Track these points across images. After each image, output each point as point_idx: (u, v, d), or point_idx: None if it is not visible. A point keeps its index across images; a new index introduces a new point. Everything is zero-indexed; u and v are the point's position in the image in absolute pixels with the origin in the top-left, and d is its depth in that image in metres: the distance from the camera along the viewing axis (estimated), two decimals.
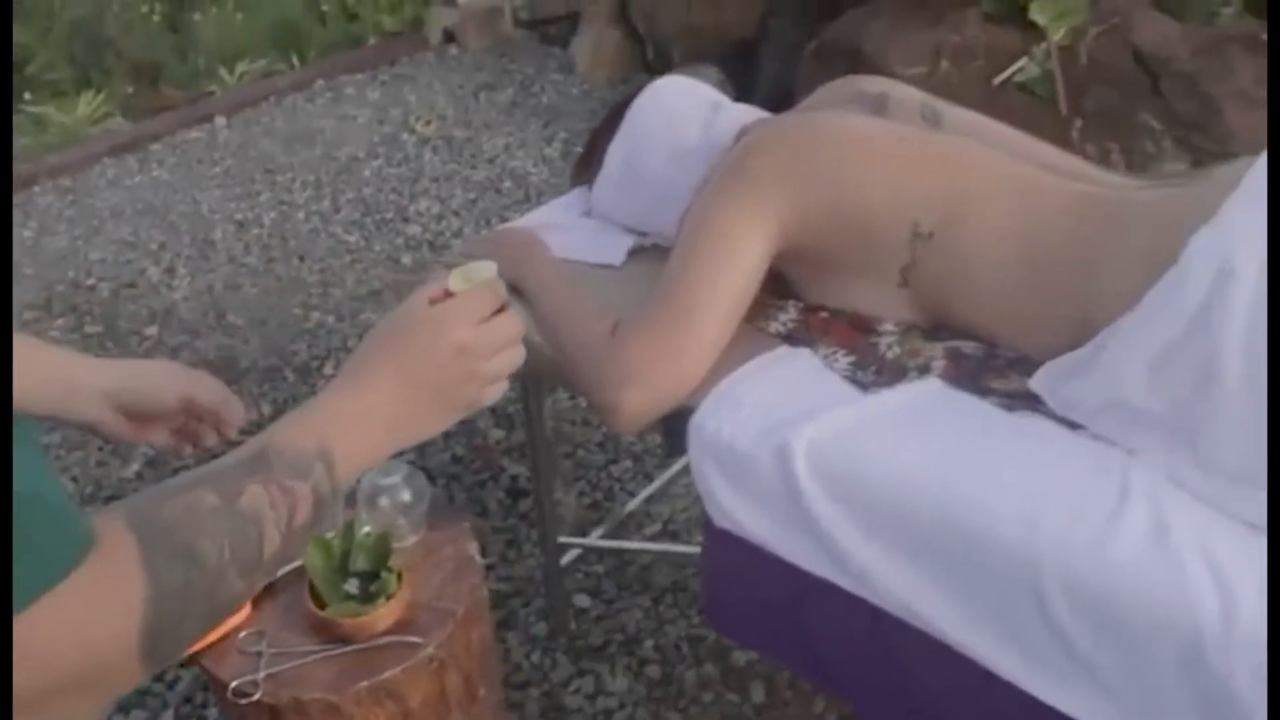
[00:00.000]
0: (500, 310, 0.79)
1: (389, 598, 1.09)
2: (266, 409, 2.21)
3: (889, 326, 1.22)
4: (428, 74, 3.58)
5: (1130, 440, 1.04)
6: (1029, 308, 1.14)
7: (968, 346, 1.18)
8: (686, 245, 1.22)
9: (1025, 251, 1.14)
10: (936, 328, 1.21)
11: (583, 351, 1.22)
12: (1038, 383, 1.10)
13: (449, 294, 0.79)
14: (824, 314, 1.26)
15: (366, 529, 1.14)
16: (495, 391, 0.81)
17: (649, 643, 1.72)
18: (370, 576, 1.11)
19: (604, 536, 1.86)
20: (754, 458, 1.11)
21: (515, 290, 1.34)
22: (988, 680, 1.01)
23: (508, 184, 2.95)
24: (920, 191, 1.19)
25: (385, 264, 2.65)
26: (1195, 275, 0.99)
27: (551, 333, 1.28)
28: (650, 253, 1.43)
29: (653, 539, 1.91)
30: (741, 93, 1.65)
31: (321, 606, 1.09)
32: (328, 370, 2.29)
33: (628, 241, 1.45)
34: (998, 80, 2.63)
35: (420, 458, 2.02)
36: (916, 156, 1.21)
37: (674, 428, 1.26)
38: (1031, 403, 1.10)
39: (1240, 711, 0.89)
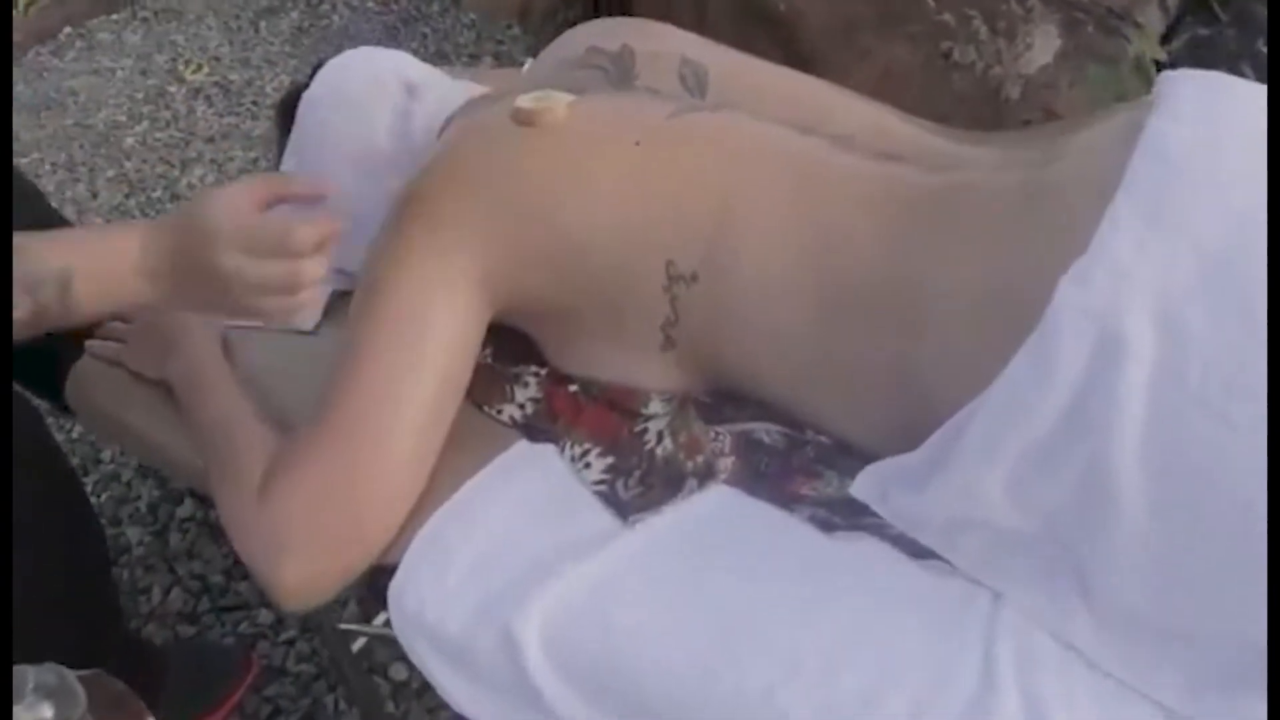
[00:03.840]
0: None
1: None
2: None
3: (655, 406, 0.84)
4: (197, 4, 2.99)
5: (996, 574, 0.70)
6: (832, 367, 0.78)
7: (763, 432, 0.81)
8: (355, 328, 0.83)
9: (820, 286, 0.77)
10: (718, 400, 0.84)
11: (228, 499, 0.83)
12: (863, 489, 0.75)
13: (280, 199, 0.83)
14: (572, 388, 0.88)
15: None
16: (270, 310, 0.82)
17: None
18: None
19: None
20: (472, 648, 0.75)
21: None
22: None
23: None
24: (671, 219, 0.79)
25: None
26: (1065, 349, 0.63)
27: (203, 461, 0.89)
28: None
29: None
30: None
31: None
32: None
33: (324, 292, 1.04)
34: None
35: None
36: (663, 166, 0.81)
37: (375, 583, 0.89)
38: (857, 515, 0.75)
39: None
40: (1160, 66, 1.74)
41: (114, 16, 3.00)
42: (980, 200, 0.75)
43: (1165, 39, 2.10)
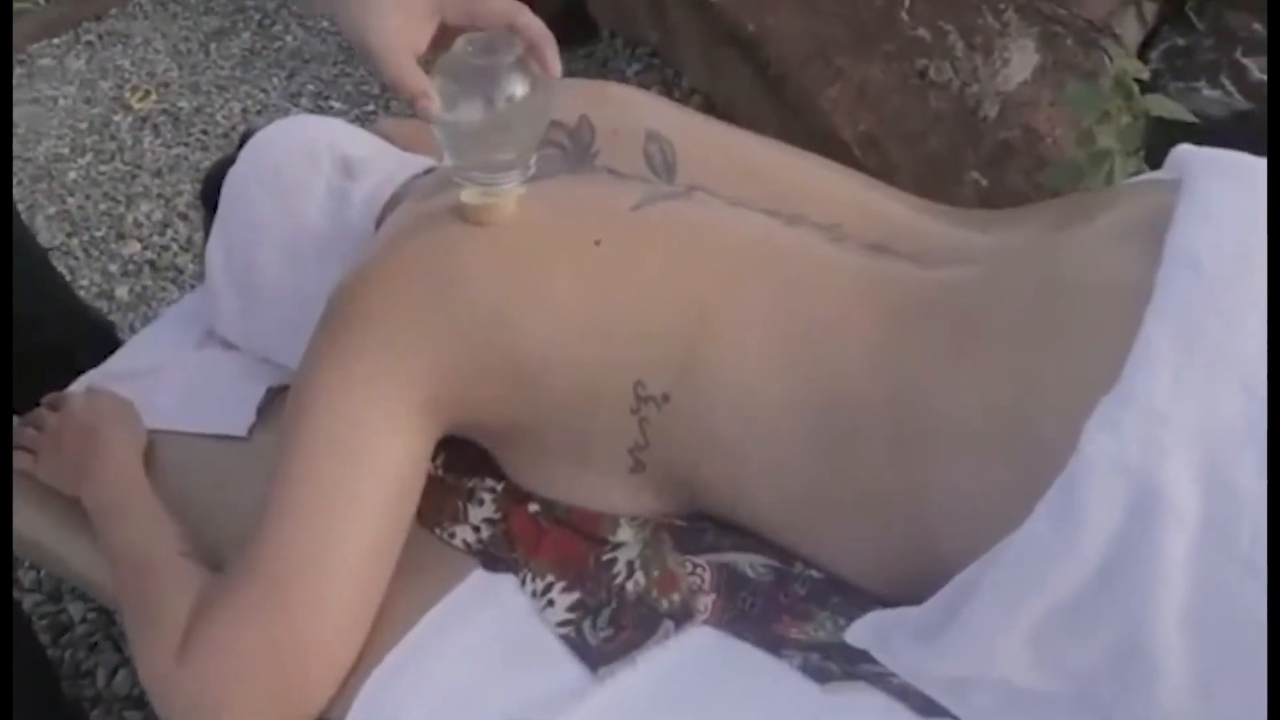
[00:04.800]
0: None
1: None
2: None
3: (625, 532, 0.74)
4: (144, 27, 2.86)
5: None
6: (823, 493, 0.68)
7: (747, 565, 0.71)
8: (285, 457, 0.73)
9: (809, 403, 0.68)
10: (696, 525, 0.75)
11: (146, 653, 0.73)
12: (861, 635, 0.66)
13: None
14: (532, 507, 0.78)
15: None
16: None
17: None
18: None
19: None
20: None
21: None
22: None
23: None
24: (639, 333, 0.69)
25: (97, 302, 2.07)
26: (1094, 508, 0.54)
27: (119, 601, 0.79)
28: None
29: None
30: None
31: None
32: None
33: (258, 391, 0.94)
34: None
35: None
36: (628, 270, 0.71)
37: None
38: (854, 662, 0.66)
39: None
40: (1143, 85, 1.65)
41: (55, 41, 2.86)
42: (985, 305, 0.66)
43: (1143, 49, 2.03)
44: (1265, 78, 1.91)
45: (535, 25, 0.71)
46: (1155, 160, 1.65)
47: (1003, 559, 0.56)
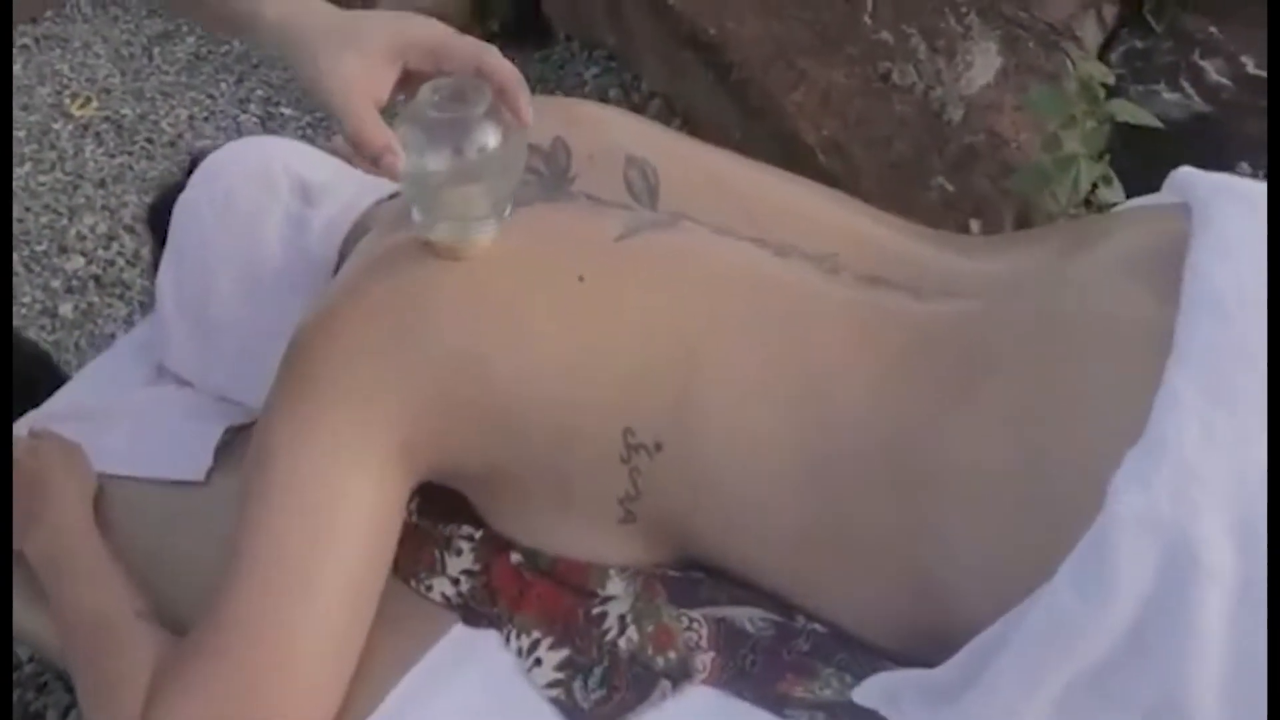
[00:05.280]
0: None
1: None
2: None
3: (615, 584, 0.69)
4: (83, 30, 2.74)
5: None
6: (825, 542, 0.64)
7: (745, 618, 0.67)
8: (250, 508, 0.67)
9: (808, 447, 0.64)
10: (690, 577, 0.70)
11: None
12: (870, 694, 0.62)
13: None
14: (515, 557, 0.73)
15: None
16: None
17: None
18: None
19: None
20: None
21: None
22: None
23: None
24: (627, 376, 0.65)
25: (40, 320, 1.98)
26: (1124, 569, 0.50)
27: (70, 664, 0.73)
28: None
29: None
30: None
31: None
32: None
33: (214, 432, 0.88)
34: None
35: None
36: (614, 307, 0.66)
37: None
38: None
39: None
40: (1109, 90, 1.64)
41: None
42: (989, 342, 0.62)
43: (1102, 51, 2.03)
44: (1222, 80, 1.92)
45: (504, 68, 0.65)
46: (1119, 164, 1.65)
47: (1026, 622, 0.53)
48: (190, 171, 0.91)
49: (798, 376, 0.65)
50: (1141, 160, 1.74)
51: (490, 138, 0.64)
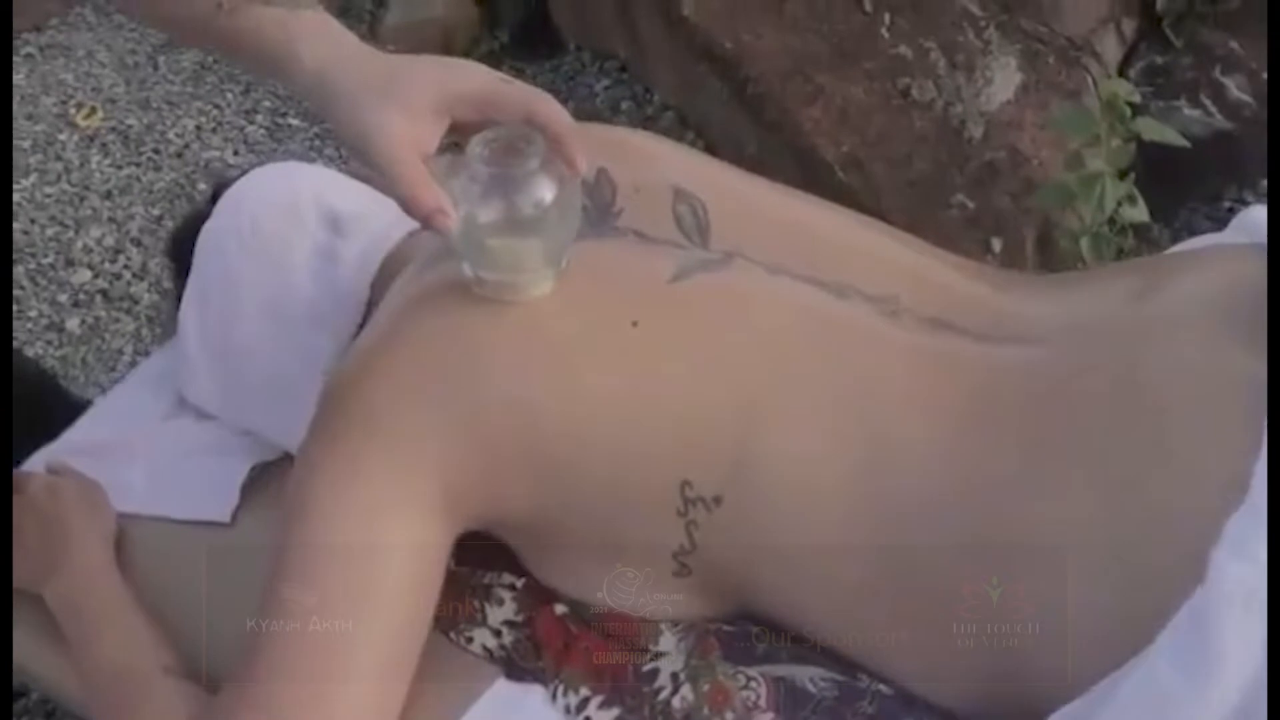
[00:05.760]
0: None
1: None
2: None
3: (668, 640, 0.66)
4: (88, 39, 2.70)
5: None
6: (893, 598, 0.61)
7: (806, 677, 0.64)
8: (286, 561, 0.64)
9: (875, 499, 0.61)
10: (746, 633, 0.66)
11: None
12: None
13: None
14: (560, 608, 0.70)
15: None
16: None
17: None
18: None
19: None
20: None
21: None
22: None
23: (202, 186, 2.21)
24: (685, 425, 0.61)
25: (46, 335, 1.94)
26: (1230, 645, 0.47)
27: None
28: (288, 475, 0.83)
29: None
30: None
31: None
32: None
33: (240, 469, 0.84)
34: None
35: None
36: (671, 354, 0.63)
37: None
38: None
39: None
40: (1135, 109, 1.62)
41: None
42: (1064, 394, 0.59)
43: (1122, 67, 2.00)
44: (1244, 97, 1.89)
45: (556, 116, 0.62)
46: (1143, 182, 1.62)
47: (1119, 696, 0.50)
48: (214, 199, 0.88)
49: (862, 425, 0.62)
50: (1163, 178, 1.71)
51: (545, 191, 0.61)
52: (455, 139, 0.64)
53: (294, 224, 0.82)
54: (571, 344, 0.64)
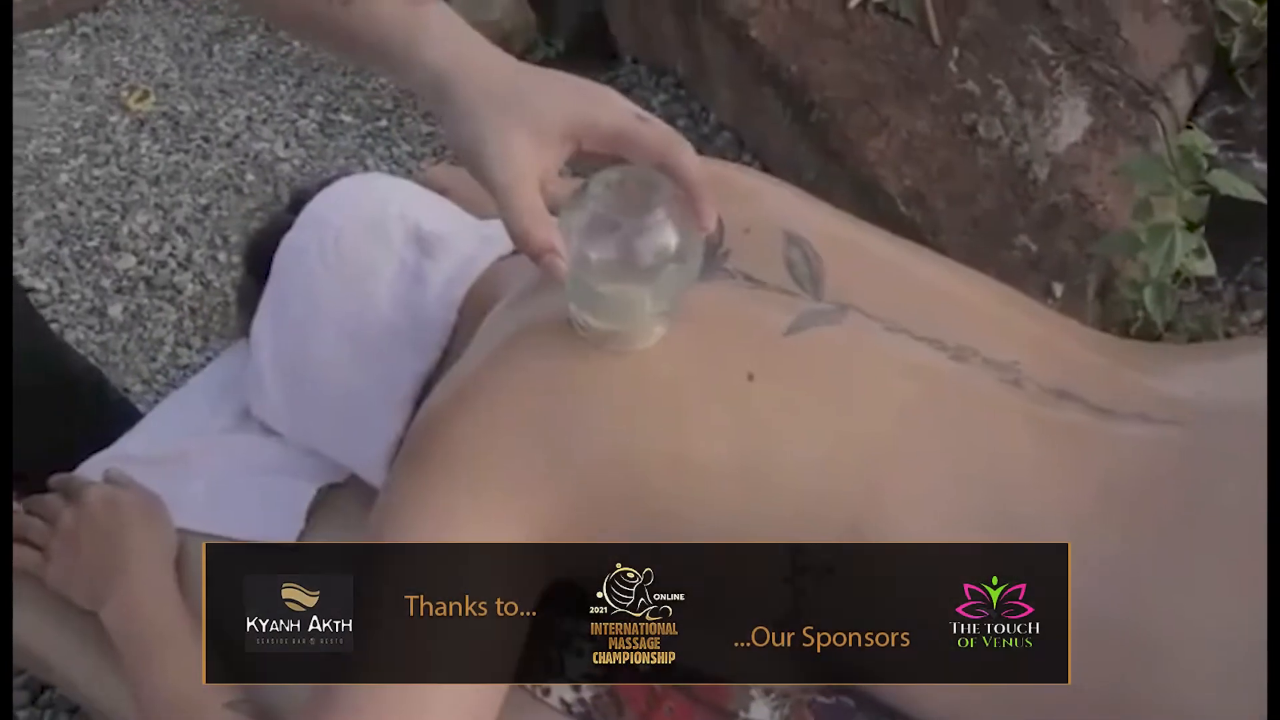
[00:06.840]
0: None
1: None
2: None
3: (759, 708, 0.62)
4: (144, 23, 2.69)
5: None
6: (1007, 690, 0.58)
7: None
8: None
9: None
10: (843, 706, 0.62)
11: None
12: None
13: None
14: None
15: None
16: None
17: None
18: None
19: None
20: None
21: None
22: None
23: (250, 177, 2.20)
24: (800, 490, 0.58)
25: (89, 319, 1.92)
26: None
27: None
28: (355, 500, 0.80)
29: None
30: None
31: None
32: None
33: (307, 491, 0.81)
34: (854, 2, 2.01)
35: None
36: (788, 412, 0.59)
37: None
38: None
39: None
40: (1211, 161, 1.58)
41: (49, 31, 2.69)
42: (1207, 480, 0.56)
43: (1191, 114, 1.96)
44: None
45: (692, 169, 0.57)
46: (1212, 236, 1.57)
47: None
48: (292, 207, 0.84)
49: (985, 497, 0.58)
50: (1229, 231, 1.67)
51: (668, 240, 0.57)
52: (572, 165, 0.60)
53: (380, 242, 0.79)
54: (684, 394, 0.60)
